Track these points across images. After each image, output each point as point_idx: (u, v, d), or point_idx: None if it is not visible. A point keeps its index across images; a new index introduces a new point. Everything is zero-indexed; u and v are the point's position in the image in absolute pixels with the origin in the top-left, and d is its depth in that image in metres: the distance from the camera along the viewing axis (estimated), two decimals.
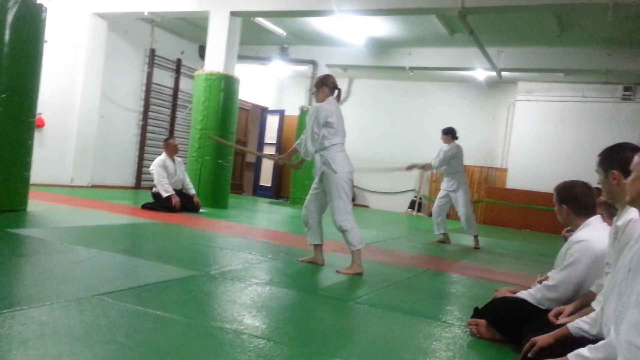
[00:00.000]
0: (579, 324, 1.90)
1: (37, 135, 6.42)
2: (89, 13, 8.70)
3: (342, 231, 3.80)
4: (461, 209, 6.41)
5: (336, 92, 4.01)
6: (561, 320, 2.16)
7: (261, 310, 2.56)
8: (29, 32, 4.97)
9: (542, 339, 1.93)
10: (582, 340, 1.80)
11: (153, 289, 2.69)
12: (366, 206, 12.78)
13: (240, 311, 2.49)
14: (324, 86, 3.97)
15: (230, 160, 8.10)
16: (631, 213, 1.84)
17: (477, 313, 2.59)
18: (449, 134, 6.49)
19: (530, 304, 2.44)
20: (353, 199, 12.43)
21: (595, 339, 1.75)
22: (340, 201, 3.76)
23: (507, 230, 10.26)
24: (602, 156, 2.02)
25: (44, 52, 5.24)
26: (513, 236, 9.09)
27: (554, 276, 2.50)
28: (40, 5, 5.09)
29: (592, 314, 1.91)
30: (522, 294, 2.53)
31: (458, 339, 2.44)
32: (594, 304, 2.06)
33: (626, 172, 1.74)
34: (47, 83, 6.88)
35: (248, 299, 2.74)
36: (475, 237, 6.44)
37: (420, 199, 12.31)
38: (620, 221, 1.90)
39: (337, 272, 3.77)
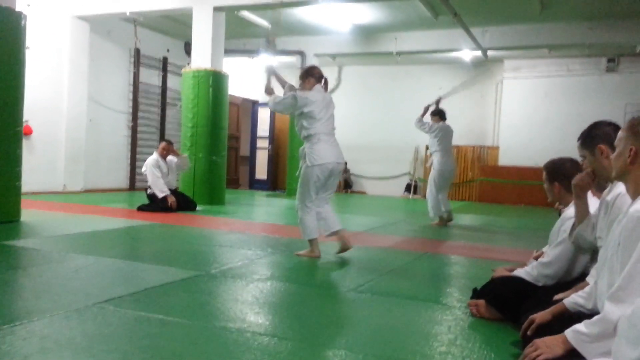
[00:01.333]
0: (575, 299, 1.92)
1: (26, 144, 6.38)
2: (70, 16, 8.60)
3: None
4: (427, 188, 6.59)
5: (323, 81, 4.00)
6: (558, 296, 2.19)
7: (264, 307, 2.57)
8: (9, 41, 4.91)
9: (540, 316, 1.95)
10: (579, 315, 1.82)
11: (154, 292, 2.70)
12: (363, 192, 12.81)
13: (242, 309, 2.50)
14: (310, 77, 3.95)
15: (223, 156, 8.08)
16: (620, 187, 1.86)
17: (476, 294, 2.62)
18: (438, 115, 6.59)
19: (527, 282, 2.47)
20: (350, 187, 12.60)
21: (591, 313, 1.77)
22: (300, 190, 3.90)
23: (502, 207, 10.33)
24: (583, 138, 2.06)
25: (26, 59, 5.18)
26: (508, 212, 9.15)
27: (548, 253, 2.53)
28: (20, 13, 5.03)
29: (586, 289, 1.93)
30: (519, 272, 2.56)
31: (459, 321, 2.47)
32: (588, 278, 2.09)
33: (612, 147, 1.75)
34: (32, 90, 6.82)
35: (250, 296, 2.76)
36: (441, 217, 6.44)
37: (415, 181, 12.36)
38: (610, 196, 1.93)
39: (295, 254, 3.97)
